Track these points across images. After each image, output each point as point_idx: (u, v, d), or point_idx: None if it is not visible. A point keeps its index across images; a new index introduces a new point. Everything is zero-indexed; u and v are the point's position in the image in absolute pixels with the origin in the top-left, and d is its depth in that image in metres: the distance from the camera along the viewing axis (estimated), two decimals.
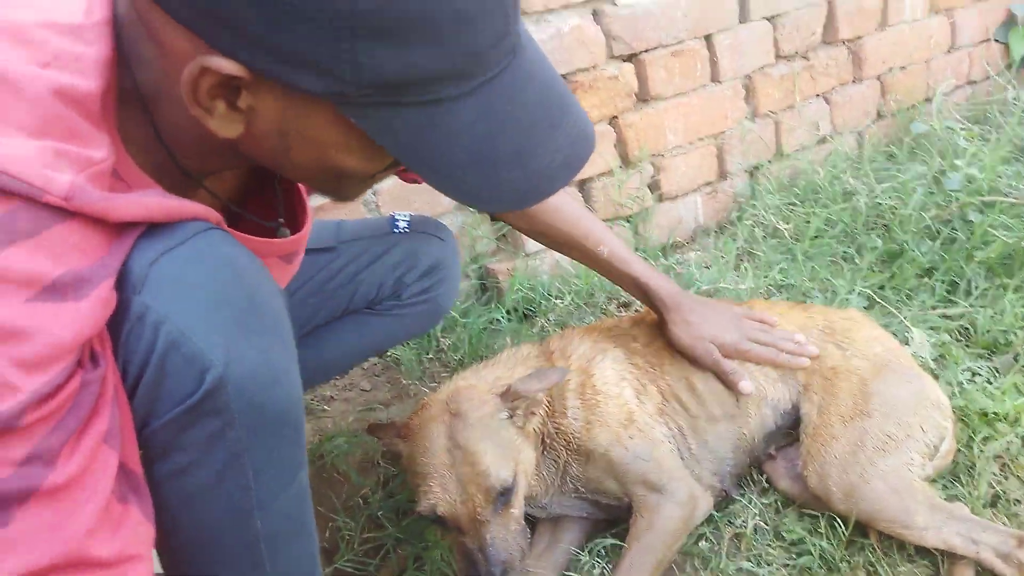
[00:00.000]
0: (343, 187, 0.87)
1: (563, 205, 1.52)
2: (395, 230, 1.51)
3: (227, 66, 0.66)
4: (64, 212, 0.67)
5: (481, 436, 1.26)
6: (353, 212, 1.93)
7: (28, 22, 0.71)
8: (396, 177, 1.92)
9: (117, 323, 0.72)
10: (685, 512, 1.34)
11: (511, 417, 1.32)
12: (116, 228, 0.71)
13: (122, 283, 0.71)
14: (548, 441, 1.40)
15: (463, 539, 1.23)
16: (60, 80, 0.69)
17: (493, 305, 2.11)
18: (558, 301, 2.10)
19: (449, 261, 1.56)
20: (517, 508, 1.28)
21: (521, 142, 0.76)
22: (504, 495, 1.23)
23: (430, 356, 2.02)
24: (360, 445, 1.74)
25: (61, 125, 0.69)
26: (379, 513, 1.57)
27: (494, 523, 1.22)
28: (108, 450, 0.70)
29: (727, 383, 1.45)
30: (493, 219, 2.12)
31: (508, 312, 2.08)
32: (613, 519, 1.45)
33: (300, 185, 1.06)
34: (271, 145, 0.77)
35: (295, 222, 1.05)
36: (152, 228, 0.74)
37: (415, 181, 1.40)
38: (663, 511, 1.32)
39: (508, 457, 1.27)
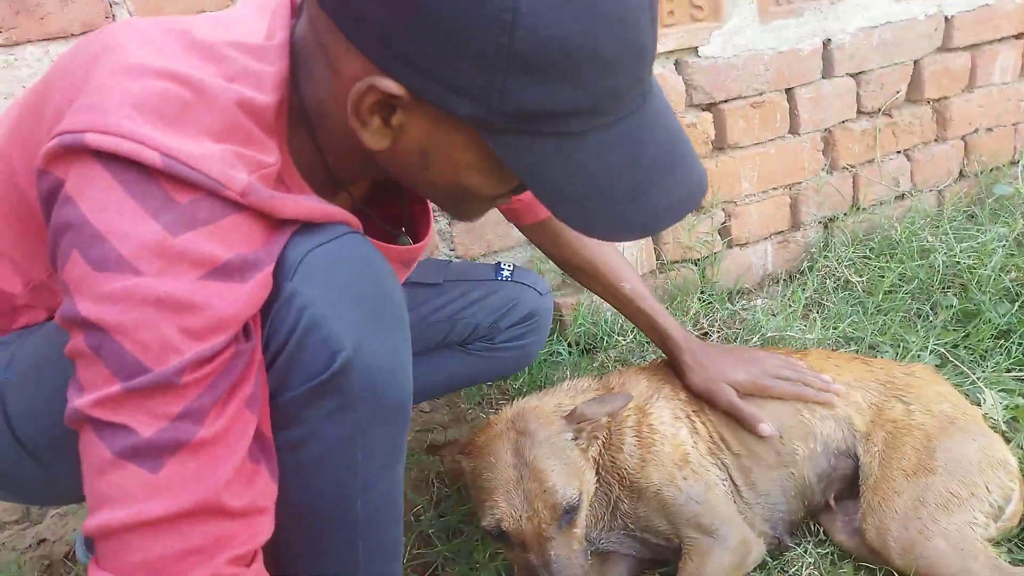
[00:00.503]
0: (466, 206, 0.96)
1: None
2: (499, 277, 1.60)
3: (392, 87, 0.76)
4: (237, 205, 0.77)
5: (548, 454, 1.27)
6: None
7: (218, 41, 0.83)
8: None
9: (268, 303, 0.81)
10: (736, 558, 1.32)
11: (575, 439, 1.34)
12: (277, 223, 0.82)
13: (277, 269, 0.81)
14: (602, 474, 1.41)
15: (526, 556, 1.24)
16: (244, 93, 0.80)
17: (555, 338, 2.14)
18: (620, 338, 2.12)
19: (543, 313, 1.64)
20: (580, 528, 1.28)
21: (638, 180, 0.82)
22: (569, 513, 1.24)
23: (490, 384, 2.06)
24: (416, 464, 1.78)
25: (241, 132, 0.79)
26: (430, 531, 1.60)
27: (558, 540, 1.23)
28: (249, 414, 0.79)
29: (745, 427, 1.43)
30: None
31: (570, 345, 2.11)
32: (660, 559, 1.44)
33: (428, 201, 1.16)
34: (410, 161, 0.86)
35: (414, 232, 1.16)
36: (306, 226, 0.84)
37: (519, 222, 1.49)
38: (714, 556, 1.31)
39: (574, 476, 1.28)
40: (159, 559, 0.73)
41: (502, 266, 1.61)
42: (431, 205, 1.21)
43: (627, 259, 1.60)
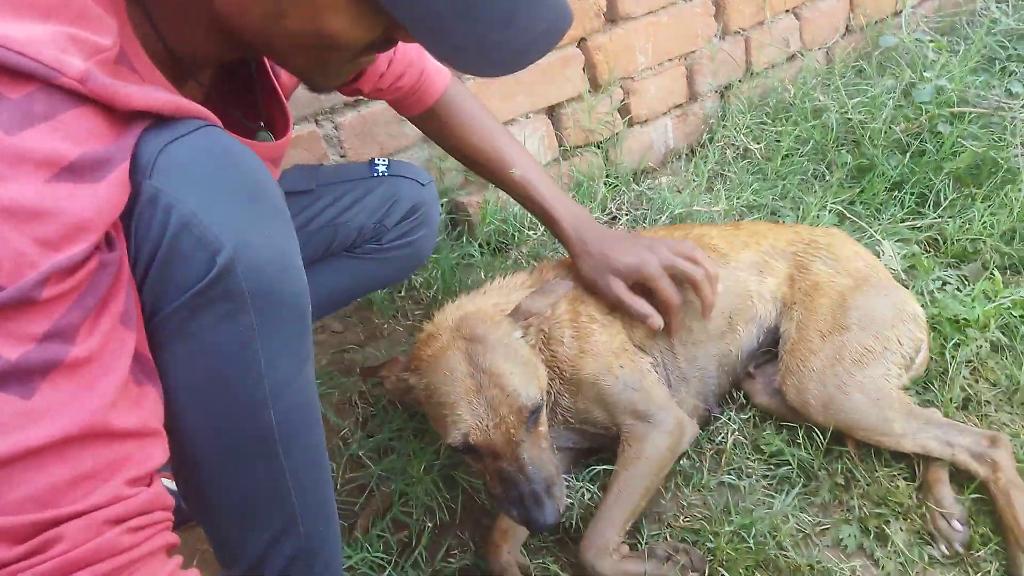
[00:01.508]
0: (327, 66, 0.88)
1: (483, 122, 1.48)
2: (374, 173, 1.49)
3: None
4: (78, 97, 0.68)
5: (503, 357, 1.22)
6: (313, 147, 1.87)
7: None
8: (355, 111, 1.88)
9: (127, 208, 0.71)
10: (672, 440, 1.34)
11: (524, 337, 1.29)
12: (124, 118, 0.72)
13: (131, 170, 0.71)
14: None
15: (498, 464, 1.19)
16: None
17: (464, 240, 2.08)
18: (531, 232, 2.07)
19: (428, 205, 1.55)
20: (544, 426, 1.25)
21: (508, 6, 0.78)
22: (535, 413, 1.20)
23: (402, 295, 1.99)
24: (337, 386, 1.72)
25: (71, 8, 0.69)
26: (360, 453, 1.56)
27: (528, 443, 1.19)
28: (125, 330, 0.71)
29: (634, 319, 1.40)
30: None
31: (480, 246, 2.05)
32: (598, 447, 1.46)
33: (281, 94, 1.07)
34: (263, 10, 0.78)
35: (273, 130, 1.06)
36: (157, 121, 0.75)
37: (357, 91, 1.39)
38: (650, 439, 1.32)
39: (532, 376, 1.24)
40: (48, 490, 0.66)
41: (376, 162, 1.51)
42: (287, 101, 1.11)
43: (520, 144, 1.51)
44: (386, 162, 1.52)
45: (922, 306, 1.48)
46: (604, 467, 1.42)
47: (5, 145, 0.63)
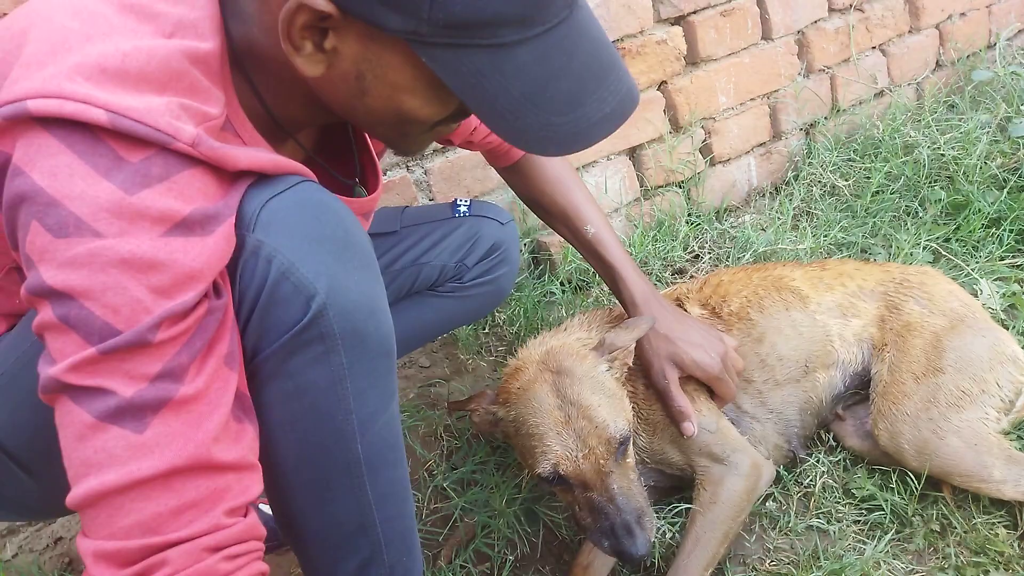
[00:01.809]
0: (407, 136, 0.94)
1: (563, 178, 1.52)
2: (456, 214, 1.55)
3: (320, 3, 0.74)
4: (190, 159, 0.76)
5: (591, 390, 1.24)
6: (404, 191, 1.96)
7: None
8: (444, 156, 1.96)
9: (233, 259, 0.79)
10: (749, 483, 1.32)
11: (609, 370, 1.31)
12: (231, 177, 0.80)
13: (237, 223, 0.79)
14: None
15: (588, 495, 1.20)
16: (184, 45, 0.78)
17: (546, 278, 2.11)
18: None
19: (508, 243, 1.59)
20: (632, 458, 1.26)
21: (571, 91, 0.82)
22: (623, 444, 1.22)
23: (486, 331, 2.04)
24: (423, 419, 1.77)
25: (185, 82, 0.77)
26: (444, 484, 1.60)
27: (617, 474, 1.21)
28: (228, 370, 0.78)
29: (670, 417, 1.37)
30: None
31: (562, 284, 2.08)
32: (679, 486, 1.45)
33: (374, 153, 1.14)
34: (347, 89, 0.84)
35: (365, 184, 1.14)
36: (260, 178, 0.83)
37: (448, 142, 1.44)
38: (726, 483, 1.31)
39: (619, 407, 1.26)
40: (154, 518, 0.72)
41: (458, 202, 1.57)
42: (378, 157, 1.18)
43: (598, 206, 1.53)
44: (467, 202, 1.57)
45: (1022, 347, 1.42)
46: (687, 506, 1.40)
47: (126, 204, 0.71)
